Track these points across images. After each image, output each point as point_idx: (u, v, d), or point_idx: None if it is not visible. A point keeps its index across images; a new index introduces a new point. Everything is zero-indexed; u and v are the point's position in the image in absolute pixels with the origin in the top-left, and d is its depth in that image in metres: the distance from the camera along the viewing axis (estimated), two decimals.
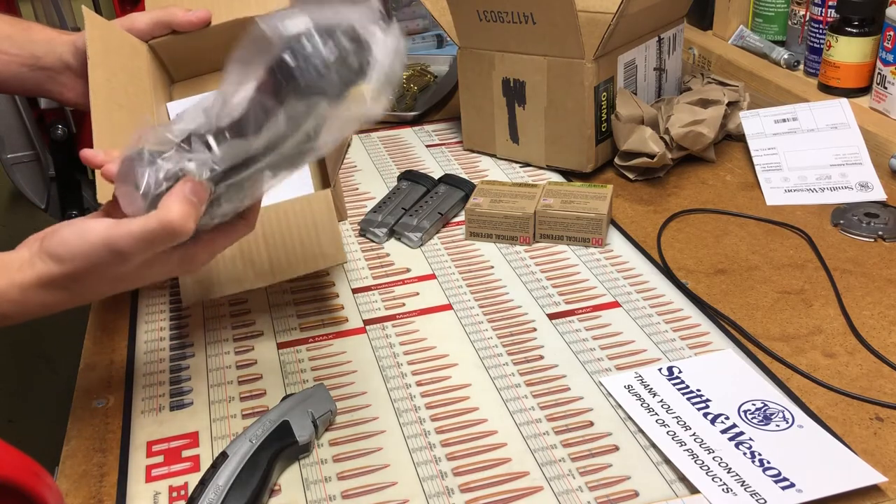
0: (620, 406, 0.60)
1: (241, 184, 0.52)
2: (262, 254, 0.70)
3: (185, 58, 0.81)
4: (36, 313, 0.54)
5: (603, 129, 0.94)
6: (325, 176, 0.78)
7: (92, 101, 0.69)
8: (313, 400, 0.59)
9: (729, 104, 0.97)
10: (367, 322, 0.72)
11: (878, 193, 0.87)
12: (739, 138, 0.99)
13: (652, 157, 0.89)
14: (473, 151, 1.03)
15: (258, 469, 0.53)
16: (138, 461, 0.58)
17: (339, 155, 0.77)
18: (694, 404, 0.60)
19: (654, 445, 0.57)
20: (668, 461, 0.55)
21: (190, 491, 0.55)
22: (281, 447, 0.55)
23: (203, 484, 0.52)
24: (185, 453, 0.59)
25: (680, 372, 0.63)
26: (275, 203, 0.71)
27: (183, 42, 0.79)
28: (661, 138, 0.91)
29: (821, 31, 1.04)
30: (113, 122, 0.71)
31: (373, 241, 0.85)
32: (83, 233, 0.52)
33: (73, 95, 0.77)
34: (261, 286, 0.70)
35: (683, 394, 0.61)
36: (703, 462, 0.54)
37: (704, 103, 0.96)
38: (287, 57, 0.47)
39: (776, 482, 0.52)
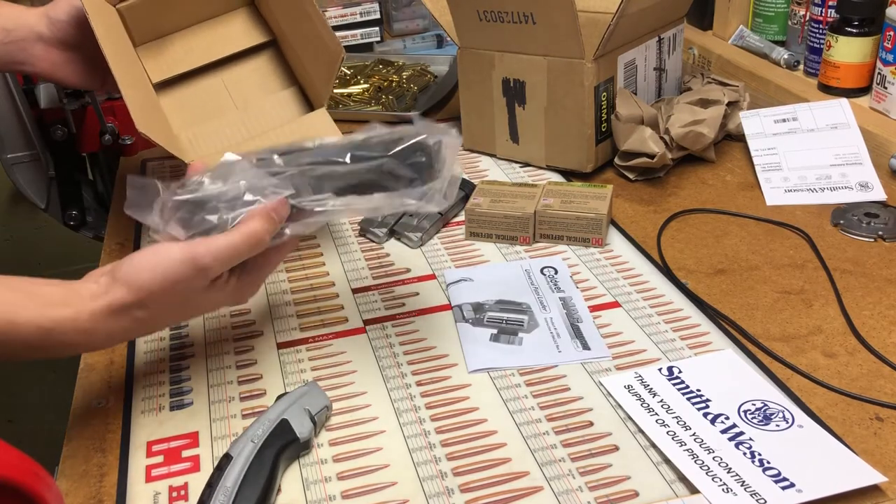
0: (620, 406, 0.60)
1: (309, 213, 0.58)
2: None
3: (148, 20, 0.85)
4: (101, 344, 0.55)
5: (603, 129, 0.94)
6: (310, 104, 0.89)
7: (107, 56, 0.72)
8: (308, 397, 0.59)
9: (729, 104, 0.97)
10: (367, 322, 0.72)
11: (878, 193, 0.87)
12: (739, 138, 0.99)
13: (652, 157, 0.89)
14: (473, 151, 1.03)
15: (264, 468, 0.53)
16: (138, 461, 0.58)
17: (329, 78, 0.84)
18: (694, 404, 0.60)
19: (654, 445, 0.57)
20: (668, 461, 0.55)
21: (190, 491, 0.55)
22: (283, 445, 0.55)
23: (210, 486, 0.52)
24: (185, 453, 0.59)
25: (680, 372, 0.63)
26: (278, 127, 0.82)
27: (146, 5, 0.84)
28: (661, 138, 0.91)
29: (821, 31, 1.04)
30: (132, 75, 0.77)
31: (373, 241, 0.85)
32: (162, 254, 0.53)
33: (45, 66, 0.78)
34: None
35: (683, 394, 0.61)
36: (703, 462, 0.54)
37: (704, 103, 0.96)
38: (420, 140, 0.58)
39: (776, 482, 0.52)
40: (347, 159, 0.57)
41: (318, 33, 0.84)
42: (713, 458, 0.54)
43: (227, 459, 0.54)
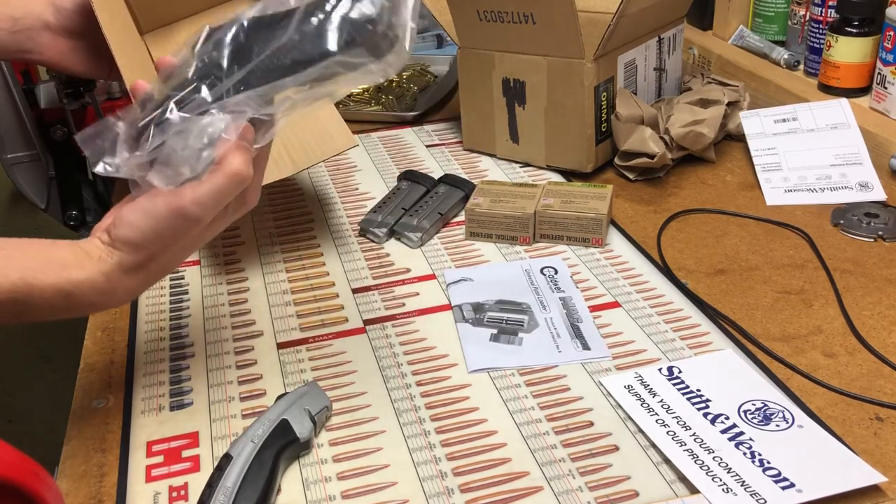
0: (620, 406, 0.60)
1: (272, 120, 0.54)
2: (280, 150, 0.76)
3: (154, 8, 0.84)
4: (122, 299, 0.55)
5: (603, 129, 0.94)
6: None
7: (111, 44, 0.72)
8: (308, 398, 0.59)
9: (729, 104, 0.97)
10: (367, 322, 0.72)
11: (878, 193, 0.87)
12: (739, 138, 0.99)
13: (652, 157, 0.89)
14: (473, 151, 1.03)
15: (264, 468, 0.53)
16: (138, 461, 0.58)
17: None
18: (694, 404, 0.60)
19: (654, 445, 0.57)
20: (668, 461, 0.55)
21: (190, 491, 0.55)
22: (283, 445, 0.55)
23: (210, 486, 0.52)
24: (185, 453, 0.59)
25: (680, 372, 0.63)
26: None
27: None
28: (661, 138, 0.91)
29: (821, 31, 1.04)
30: (137, 64, 0.76)
31: (373, 241, 0.85)
32: (149, 211, 0.52)
33: (52, 54, 0.78)
34: (285, 176, 0.76)
35: (683, 394, 0.61)
36: (703, 462, 0.54)
37: (704, 103, 0.96)
38: (364, 11, 0.50)
39: (776, 482, 0.52)
40: (292, 73, 0.52)
41: None
42: (713, 458, 0.54)
43: (227, 459, 0.54)
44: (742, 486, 0.52)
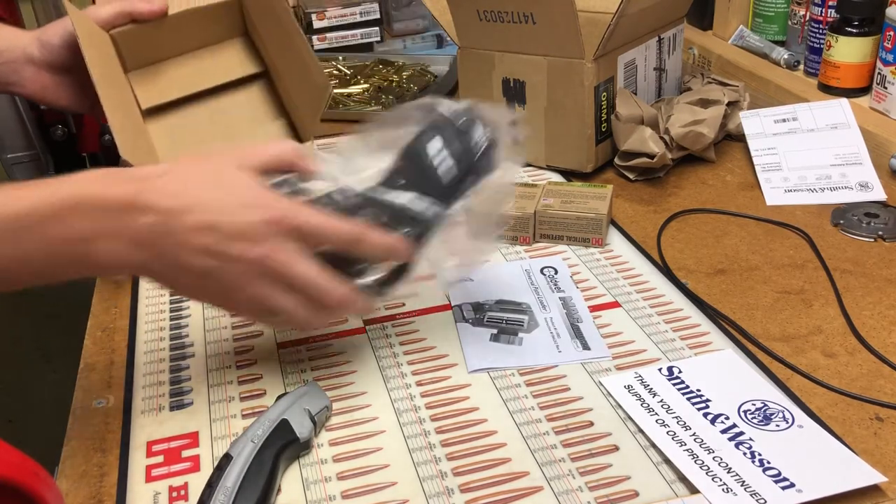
0: (620, 406, 0.60)
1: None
2: None
3: (141, 47, 0.84)
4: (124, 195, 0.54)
5: (603, 129, 0.94)
6: (297, 136, 0.91)
7: (95, 81, 0.73)
8: (308, 397, 0.59)
9: (729, 104, 0.97)
10: (367, 322, 0.72)
11: (878, 193, 0.87)
12: (739, 138, 0.99)
13: (652, 157, 0.89)
14: None
15: (264, 468, 0.53)
16: (138, 461, 0.58)
17: (316, 112, 0.85)
18: (694, 404, 0.60)
19: (654, 445, 0.57)
20: (668, 461, 0.55)
21: (190, 491, 0.55)
22: (283, 445, 0.55)
23: (210, 486, 0.52)
24: (185, 453, 0.59)
25: (680, 372, 0.63)
26: None
27: (140, 31, 0.82)
28: (661, 138, 0.91)
29: (821, 31, 1.04)
30: (120, 101, 0.75)
31: None
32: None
33: (35, 88, 0.79)
34: None
35: (683, 394, 0.61)
36: (703, 462, 0.54)
37: (704, 103, 0.96)
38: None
39: (776, 482, 0.52)
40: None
41: (307, 66, 0.84)
42: (713, 458, 0.54)
43: (227, 459, 0.54)
44: (742, 486, 0.52)
